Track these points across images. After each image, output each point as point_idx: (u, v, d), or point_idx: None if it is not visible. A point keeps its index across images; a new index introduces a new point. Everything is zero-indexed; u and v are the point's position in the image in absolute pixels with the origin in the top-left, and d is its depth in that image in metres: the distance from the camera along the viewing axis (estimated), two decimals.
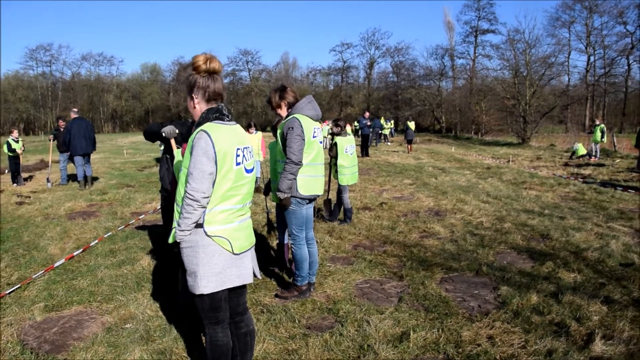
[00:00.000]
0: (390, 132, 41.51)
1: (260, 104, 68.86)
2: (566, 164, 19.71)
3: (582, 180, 14.27)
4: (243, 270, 3.00)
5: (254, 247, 3.17)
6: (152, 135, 4.81)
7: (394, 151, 27.12)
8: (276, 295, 5.06)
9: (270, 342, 4.01)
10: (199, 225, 2.82)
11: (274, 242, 6.86)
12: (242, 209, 2.99)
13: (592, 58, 64.31)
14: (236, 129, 2.97)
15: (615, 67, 63.90)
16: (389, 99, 69.04)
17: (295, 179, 4.65)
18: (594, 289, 5.23)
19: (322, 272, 5.74)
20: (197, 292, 2.85)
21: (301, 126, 4.58)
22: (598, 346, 3.87)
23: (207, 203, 2.79)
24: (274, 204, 5.85)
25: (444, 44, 75.40)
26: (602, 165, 18.94)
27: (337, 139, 8.26)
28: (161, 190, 5.18)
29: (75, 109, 13.80)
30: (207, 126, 2.80)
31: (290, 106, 4.83)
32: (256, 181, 12.29)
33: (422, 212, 9.33)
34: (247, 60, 74.38)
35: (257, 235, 7.54)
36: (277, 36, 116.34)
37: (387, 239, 7.33)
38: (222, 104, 2.99)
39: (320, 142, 4.95)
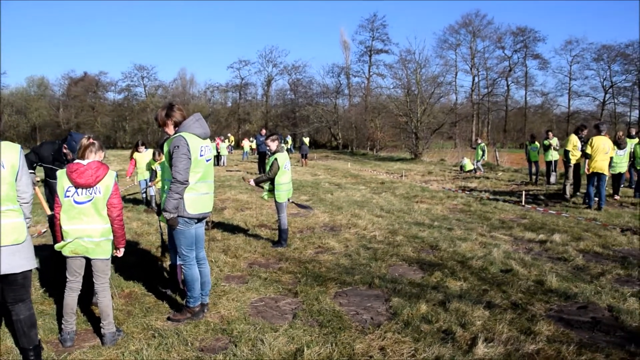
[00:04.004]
0: (289, 149, 41.81)
1: None
2: (455, 178, 20.78)
3: (468, 192, 15.09)
4: None
5: (16, 245, 3.64)
6: None
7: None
8: (168, 319, 4.91)
9: None
10: None
11: (167, 264, 6.66)
12: None
13: (476, 78, 69.33)
14: None
15: (496, 88, 69.39)
16: (287, 116, 69.59)
17: (181, 198, 4.56)
18: (477, 295, 5.54)
19: (217, 292, 5.64)
20: None
21: (187, 145, 4.51)
22: (480, 349, 4.10)
23: None
24: None
25: (340, 62, 77.41)
26: (487, 178, 20.16)
27: (277, 155, 7.87)
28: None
29: None
30: None
31: (177, 124, 4.74)
32: (151, 202, 11.92)
33: (318, 228, 9.45)
34: (142, 75, 72.29)
35: (152, 256, 7.32)
36: (173, 52, 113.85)
37: (282, 256, 7.35)
38: None
39: (208, 160, 4.87)
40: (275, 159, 7.85)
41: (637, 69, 61.97)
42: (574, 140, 13.09)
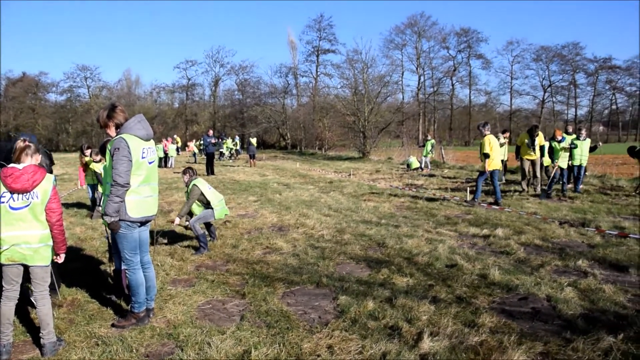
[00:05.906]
0: (237, 150, 41.48)
1: None
2: (402, 176, 21.11)
3: (415, 190, 15.34)
4: None
5: None
6: None
7: (237, 166, 27.12)
8: (113, 325, 4.79)
9: None
10: None
11: (112, 269, 6.50)
12: None
13: (422, 78, 70.86)
14: None
15: (442, 87, 71.20)
16: (235, 117, 69.19)
17: (122, 201, 4.45)
18: (423, 290, 5.64)
19: (163, 296, 5.55)
20: None
21: (128, 147, 4.41)
22: (426, 343, 4.16)
23: None
24: None
25: (287, 62, 77.41)
26: (433, 175, 20.56)
27: (194, 181, 7.82)
28: None
29: None
30: None
31: (119, 126, 4.63)
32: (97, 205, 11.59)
33: (266, 229, 9.42)
34: (85, 76, 70.21)
35: (96, 261, 7.14)
36: (118, 52, 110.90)
37: (230, 258, 7.29)
38: None
39: (151, 163, 4.76)
40: (194, 184, 7.79)
41: (572, 69, 64.78)
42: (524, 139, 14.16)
